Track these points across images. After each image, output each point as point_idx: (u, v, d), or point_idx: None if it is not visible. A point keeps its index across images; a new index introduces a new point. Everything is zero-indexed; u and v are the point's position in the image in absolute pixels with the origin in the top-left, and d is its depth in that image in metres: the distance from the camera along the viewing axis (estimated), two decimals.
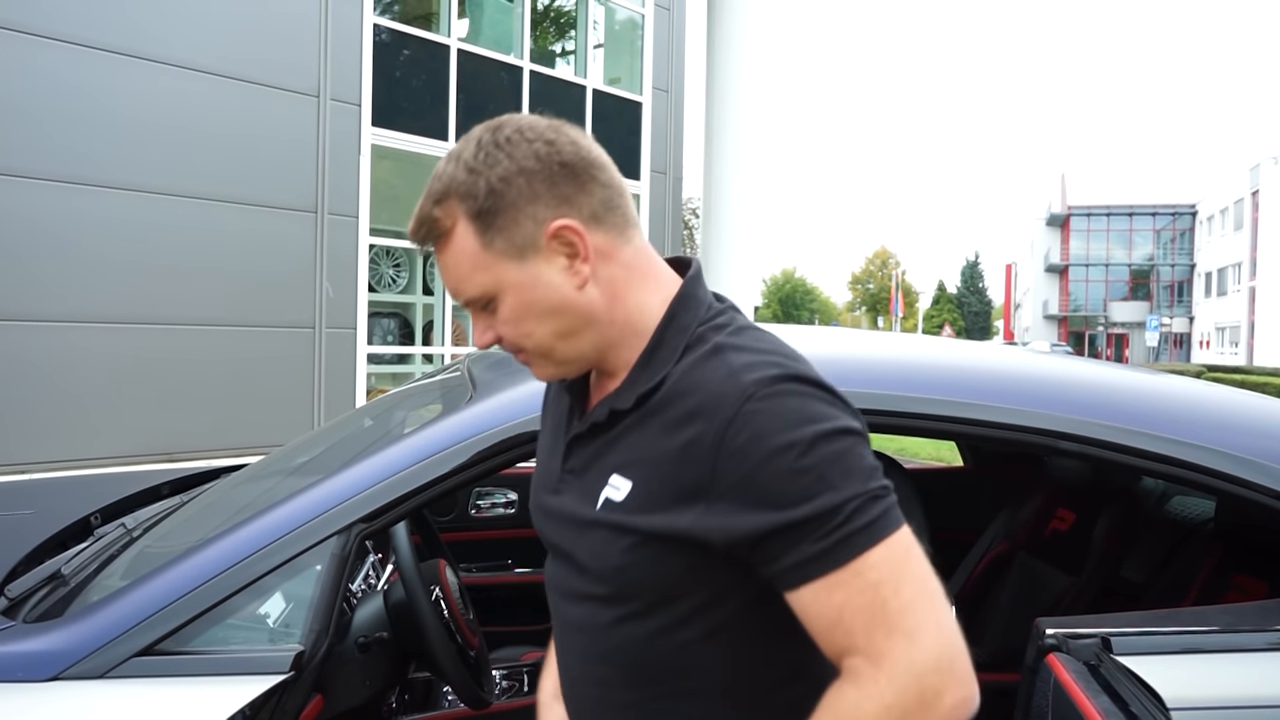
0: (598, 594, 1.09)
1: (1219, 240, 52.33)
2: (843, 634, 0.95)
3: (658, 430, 1.03)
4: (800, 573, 0.95)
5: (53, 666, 1.42)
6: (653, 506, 1.02)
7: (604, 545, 1.06)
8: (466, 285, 1.07)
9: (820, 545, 0.94)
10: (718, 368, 1.01)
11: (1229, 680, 1.48)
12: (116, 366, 8.42)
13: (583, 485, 1.10)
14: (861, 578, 0.94)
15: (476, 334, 1.10)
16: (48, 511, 2.44)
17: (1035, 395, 1.75)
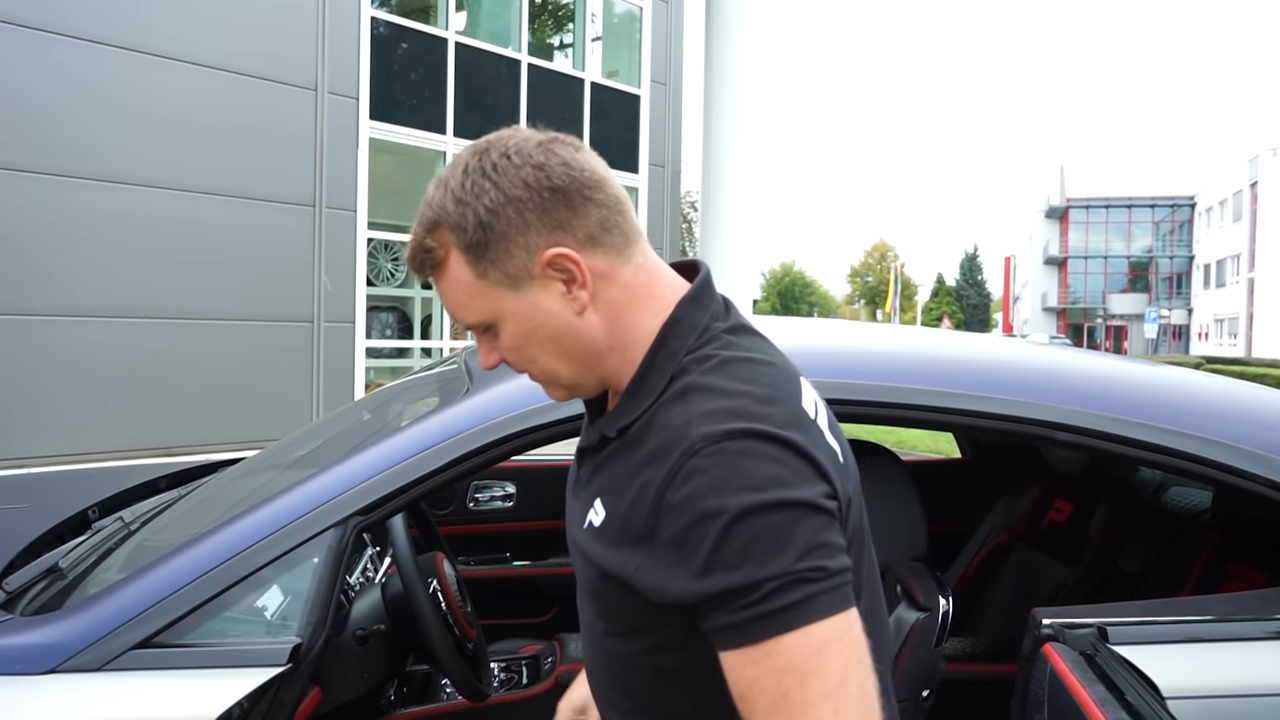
0: (592, 608, 1.11)
1: (1218, 232, 52.32)
2: (748, 708, 0.91)
3: (629, 466, 1.00)
4: (718, 638, 0.92)
5: (51, 659, 1.42)
6: (615, 542, 1.00)
7: (584, 566, 1.08)
8: (465, 312, 1.05)
9: (734, 618, 0.90)
10: (679, 413, 0.97)
11: (1225, 670, 1.49)
12: (115, 361, 8.42)
13: (581, 501, 1.11)
14: (771, 660, 0.89)
15: (482, 355, 1.08)
16: (45, 505, 2.44)
17: (1033, 386, 1.75)
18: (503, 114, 11.96)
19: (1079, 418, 1.68)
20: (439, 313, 11.82)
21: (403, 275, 12.71)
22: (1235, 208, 49.01)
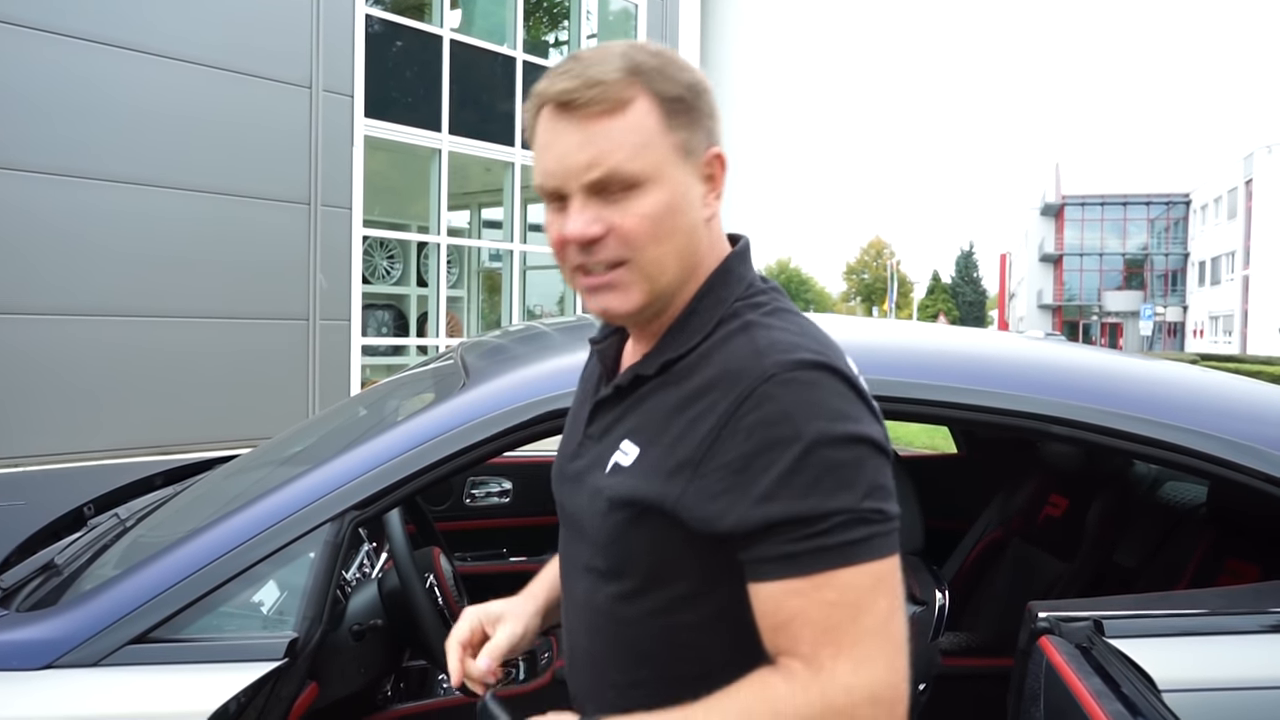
0: (598, 567, 1.08)
1: (1213, 229, 52.39)
2: (786, 639, 0.93)
3: (674, 399, 1.02)
4: (763, 569, 0.93)
5: (46, 655, 1.42)
6: (651, 475, 1.00)
7: (605, 513, 1.05)
8: (624, 157, 0.99)
9: (790, 548, 0.91)
10: (744, 344, 1.00)
11: (1220, 662, 1.49)
12: (110, 359, 8.40)
13: (598, 450, 1.10)
14: (821, 593, 0.91)
15: (583, 223, 1.00)
16: (40, 503, 2.43)
17: (1028, 380, 1.76)
18: (498, 111, 11.96)
19: (1075, 411, 1.69)
20: (434, 310, 11.81)
21: (398, 273, 12.70)
22: (1230, 205, 49.09)
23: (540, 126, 1.04)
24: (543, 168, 1.04)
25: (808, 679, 0.91)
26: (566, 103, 1.00)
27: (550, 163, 1.02)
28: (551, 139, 1.02)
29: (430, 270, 11.96)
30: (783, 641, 0.93)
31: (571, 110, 1.00)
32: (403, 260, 12.74)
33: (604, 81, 0.99)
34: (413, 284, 12.75)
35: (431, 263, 11.86)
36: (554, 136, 1.02)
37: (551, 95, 1.01)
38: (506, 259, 12.69)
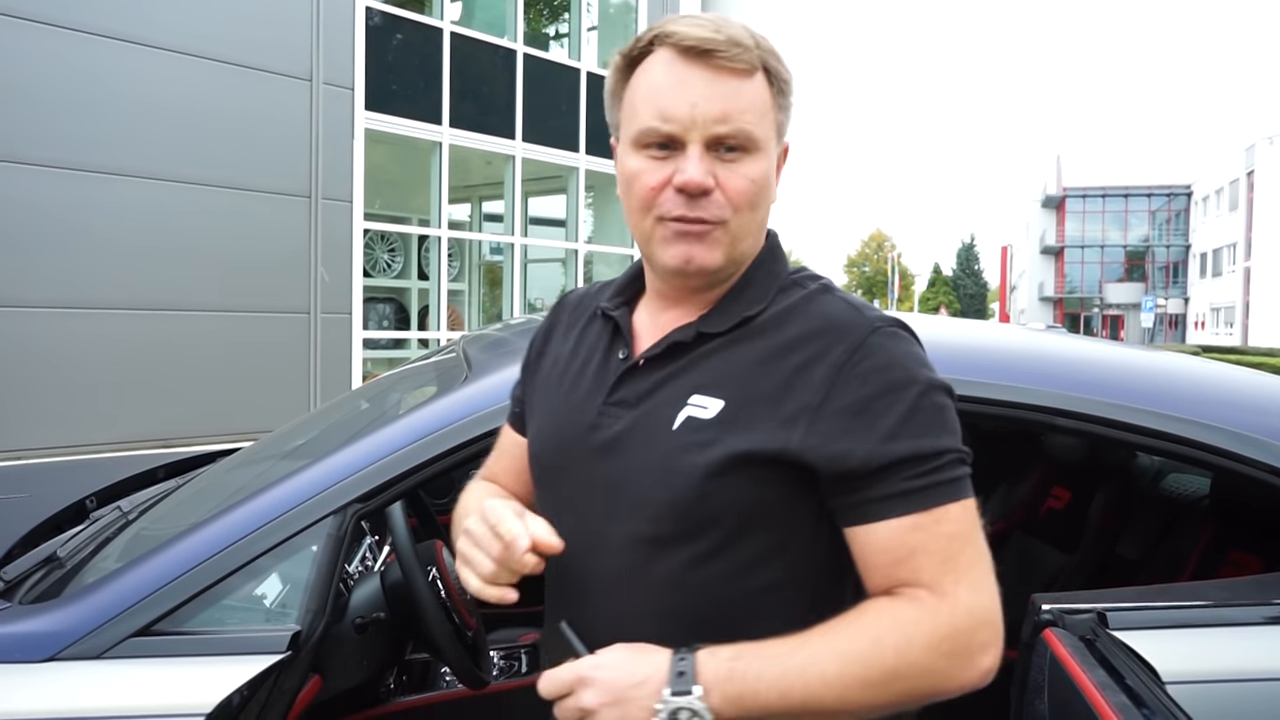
0: (662, 534, 1.04)
1: (1214, 221, 52.30)
2: (908, 571, 0.99)
3: (760, 352, 1.06)
4: (884, 507, 0.99)
5: (49, 647, 1.42)
6: (751, 423, 1.02)
7: (686, 466, 1.03)
8: (741, 118, 1.03)
9: (911, 484, 0.99)
10: (835, 302, 1.09)
11: (1223, 654, 1.49)
12: (112, 352, 8.40)
13: (645, 412, 1.08)
14: (940, 526, 0.99)
15: (700, 171, 1.02)
16: (43, 496, 2.43)
17: (1031, 372, 1.75)
18: (498, 104, 11.93)
19: (1078, 403, 1.68)
20: (436, 303, 11.81)
21: (399, 266, 12.69)
22: (1231, 197, 48.99)
23: (658, 67, 1.04)
24: (660, 109, 1.03)
25: (935, 604, 0.98)
26: (706, 51, 1.02)
27: (674, 106, 1.02)
28: (677, 82, 1.02)
29: (431, 263, 11.95)
30: (904, 574, 1.00)
31: (708, 60, 1.02)
32: (404, 253, 12.73)
33: (743, 44, 1.03)
34: (414, 277, 12.74)
35: (432, 256, 11.85)
36: (681, 80, 1.02)
37: (685, 39, 1.02)
38: (507, 252, 12.68)
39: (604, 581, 1.09)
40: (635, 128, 1.06)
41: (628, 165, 1.07)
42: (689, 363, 1.09)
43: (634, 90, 1.07)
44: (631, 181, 1.07)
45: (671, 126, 1.02)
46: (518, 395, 1.33)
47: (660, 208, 1.05)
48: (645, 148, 1.05)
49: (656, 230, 1.06)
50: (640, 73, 1.07)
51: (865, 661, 0.96)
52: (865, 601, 1.01)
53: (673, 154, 1.04)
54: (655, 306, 1.16)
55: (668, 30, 1.04)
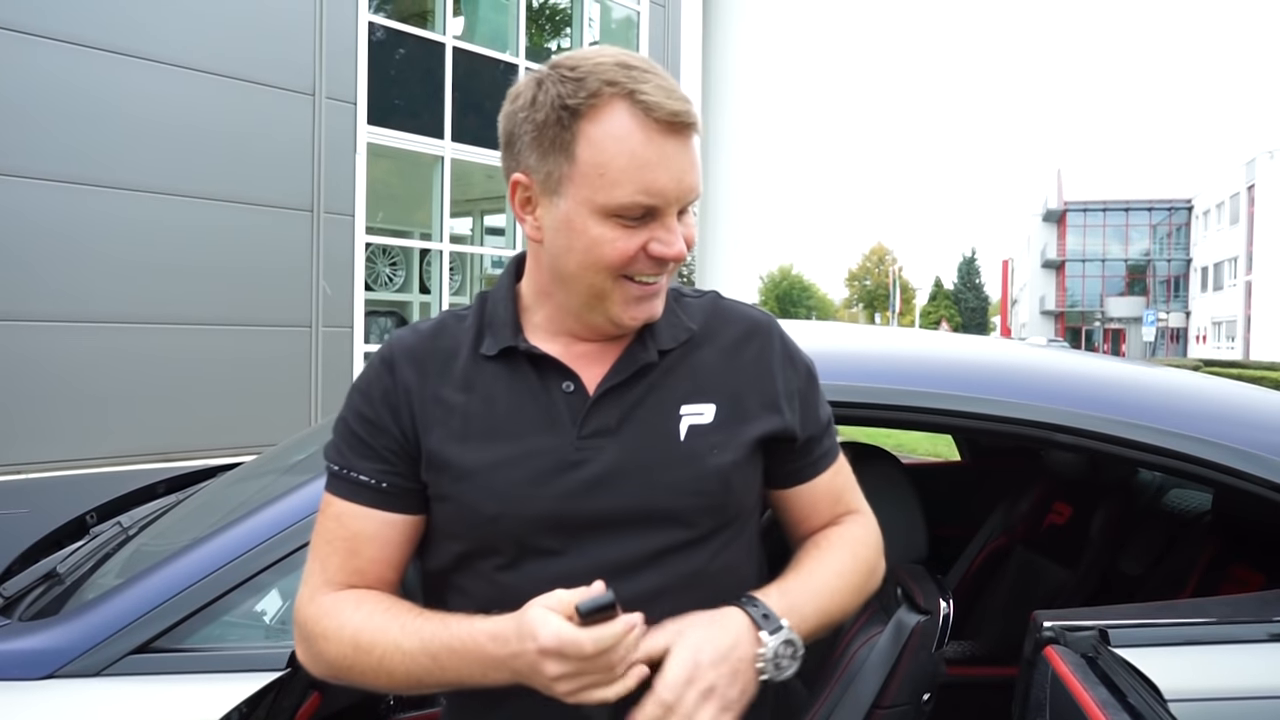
0: (691, 537, 1.11)
1: (1215, 235, 52.35)
2: (844, 504, 1.28)
3: (716, 356, 1.17)
4: (825, 461, 1.24)
5: (48, 664, 1.41)
6: (746, 416, 1.15)
7: (712, 468, 1.12)
8: (698, 183, 1.09)
9: (832, 440, 1.27)
10: (736, 305, 1.24)
11: (1226, 672, 1.48)
12: (112, 366, 8.40)
13: (633, 435, 1.11)
14: (844, 466, 1.28)
15: (678, 244, 1.08)
16: (43, 511, 2.43)
17: (1032, 388, 1.75)
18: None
19: (1079, 419, 1.68)
20: None
21: (401, 280, 12.71)
22: (1232, 210, 49.05)
23: (629, 132, 1.02)
24: (646, 185, 1.03)
25: (866, 520, 1.29)
26: (684, 124, 1.04)
27: (662, 182, 1.03)
28: (661, 158, 1.03)
29: (433, 277, 11.96)
30: (842, 507, 1.28)
31: (681, 132, 1.05)
32: (405, 267, 12.74)
33: (691, 103, 1.06)
34: (415, 291, 12.74)
35: (434, 270, 11.86)
36: (665, 155, 1.03)
37: (662, 111, 1.02)
38: None
39: (631, 603, 1.04)
40: (612, 200, 1.03)
41: (590, 231, 1.04)
42: (654, 380, 1.14)
43: (599, 153, 1.02)
44: (597, 246, 1.05)
45: (656, 201, 1.04)
46: (387, 470, 1.12)
47: (631, 269, 1.07)
48: (617, 217, 1.04)
49: (618, 289, 1.08)
50: (599, 131, 1.02)
51: (854, 570, 1.21)
52: (825, 531, 1.26)
53: (644, 222, 1.05)
54: (563, 338, 1.15)
55: (633, 91, 1.02)
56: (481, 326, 1.16)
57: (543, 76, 1.07)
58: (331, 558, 1.13)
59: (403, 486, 1.12)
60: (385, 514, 1.12)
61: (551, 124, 1.04)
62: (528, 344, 1.13)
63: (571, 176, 1.04)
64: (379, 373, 1.16)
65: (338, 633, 1.08)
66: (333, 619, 1.09)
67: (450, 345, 1.15)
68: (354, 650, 1.06)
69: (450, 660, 1.03)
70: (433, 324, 1.19)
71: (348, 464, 1.13)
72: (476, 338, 1.15)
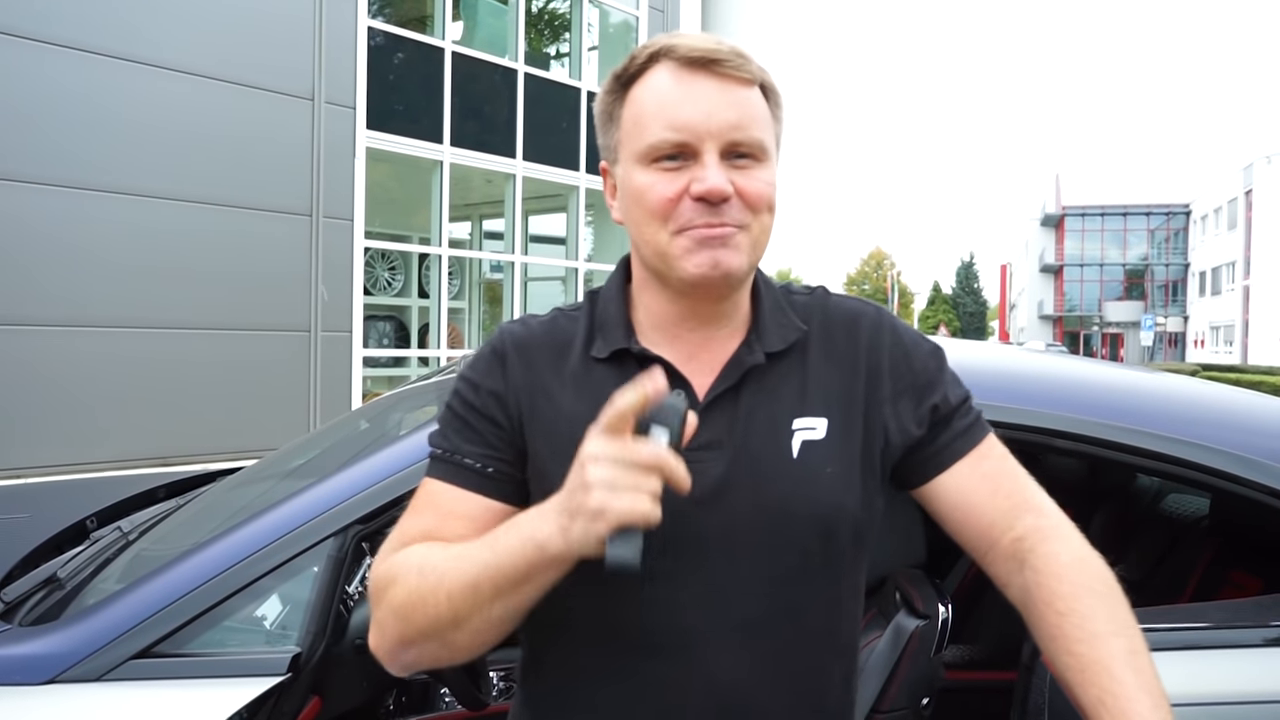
0: (786, 566, 1.04)
1: (1213, 239, 52.41)
2: (1010, 497, 1.08)
3: (828, 360, 1.10)
4: (957, 446, 1.10)
5: (49, 669, 1.42)
6: (857, 428, 1.08)
7: (818, 486, 1.05)
8: (754, 125, 1.02)
9: (967, 421, 1.12)
10: (845, 299, 1.17)
11: (1225, 677, 1.49)
12: (112, 370, 8.40)
13: (745, 448, 1.04)
14: (995, 450, 1.12)
15: (719, 178, 0.99)
16: (44, 516, 2.43)
17: (1031, 393, 1.76)
18: (499, 123, 11.98)
19: (1078, 425, 1.68)
20: (436, 322, 11.82)
21: (400, 284, 12.71)
22: (1230, 215, 49.11)
23: (662, 80, 1.02)
24: (671, 119, 1.00)
25: (1063, 528, 1.11)
26: (712, 61, 1.01)
27: (687, 114, 1.00)
28: (686, 92, 1.01)
29: (431, 281, 11.97)
30: (1006, 499, 1.11)
31: (714, 69, 1.01)
32: (404, 271, 12.76)
33: (744, 56, 1.03)
34: (414, 295, 12.76)
35: (433, 274, 11.87)
36: (689, 90, 1.01)
37: (690, 51, 1.01)
38: (508, 270, 12.71)
39: (726, 630, 1.03)
40: (643, 142, 1.02)
41: (635, 181, 1.03)
42: (766, 387, 1.07)
43: (636, 106, 1.04)
44: (642, 196, 1.02)
45: (685, 135, 1.00)
46: (493, 455, 1.08)
47: (679, 219, 1.01)
48: (655, 161, 1.02)
49: (675, 242, 1.02)
50: (639, 89, 1.04)
51: (1136, 632, 1.03)
52: (1066, 598, 1.01)
53: (686, 164, 1.01)
54: (668, 332, 1.10)
55: (667, 45, 1.03)
56: (593, 327, 1.12)
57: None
58: (415, 525, 1.07)
59: (507, 473, 1.08)
60: (485, 499, 1.07)
61: (607, 101, 1.08)
62: (640, 347, 1.08)
63: (620, 139, 1.06)
64: (489, 363, 1.11)
65: (404, 567, 1.00)
66: (400, 561, 1.01)
67: (562, 342, 1.11)
68: (418, 578, 0.97)
69: (505, 536, 0.94)
70: (544, 320, 1.15)
71: (453, 448, 1.08)
72: (588, 338, 1.11)
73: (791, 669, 1.06)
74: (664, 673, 1.03)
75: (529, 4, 12.94)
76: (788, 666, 1.06)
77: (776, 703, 1.05)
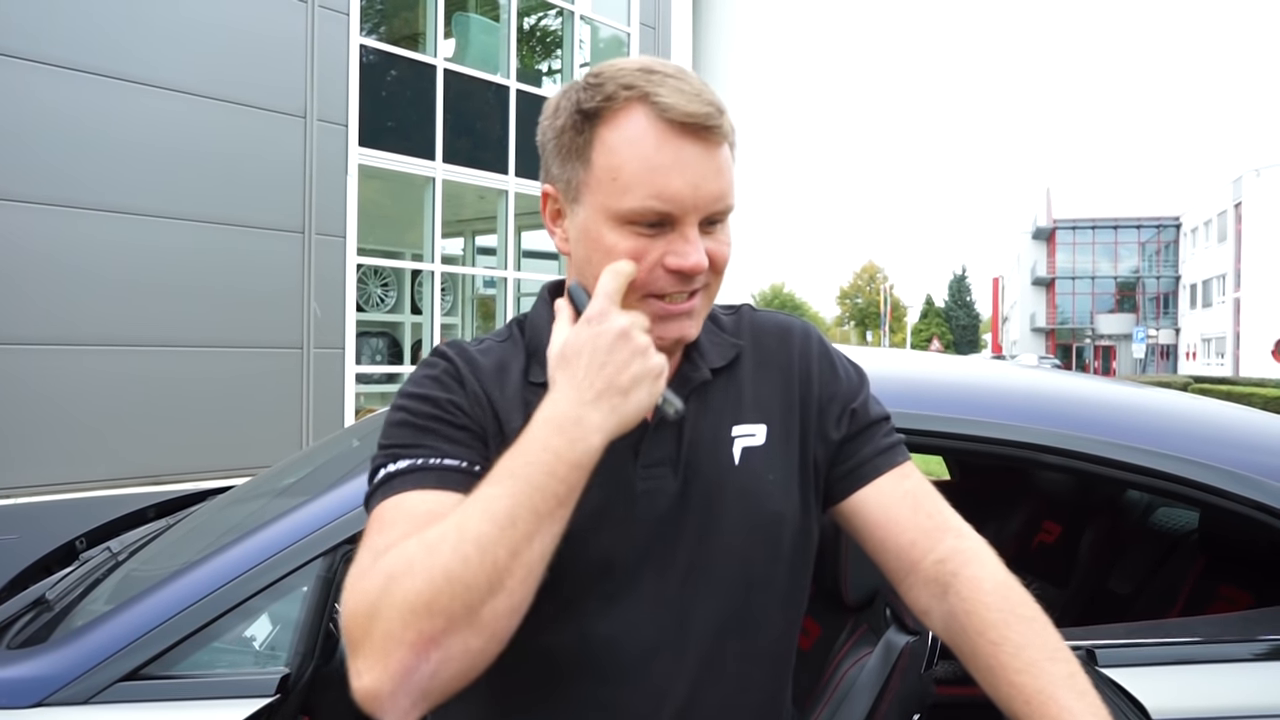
0: (735, 575, 1.05)
1: (1203, 252, 52.66)
2: (930, 517, 1.07)
3: (761, 371, 1.12)
4: (879, 461, 1.10)
5: (37, 693, 1.41)
6: (793, 433, 1.10)
7: (760, 491, 1.06)
8: (730, 192, 1.01)
9: (890, 440, 1.13)
10: (771, 315, 1.20)
11: (1213, 691, 1.49)
12: (103, 389, 8.38)
13: (691, 460, 1.05)
14: (915, 473, 1.12)
15: (700, 253, 0.99)
16: (32, 536, 2.42)
17: (1021, 410, 1.76)
18: (491, 139, 12.01)
19: (1067, 440, 1.69)
20: (429, 338, 11.81)
21: (393, 301, 12.71)
22: (1220, 228, 49.37)
23: (645, 137, 0.97)
24: (659, 190, 0.96)
25: (981, 550, 1.08)
26: (705, 127, 0.97)
27: (676, 187, 0.96)
28: (676, 161, 0.97)
29: (424, 298, 11.97)
30: (926, 519, 1.09)
31: (704, 136, 0.98)
32: (397, 288, 12.75)
33: (723, 110, 0.99)
34: (407, 312, 12.75)
35: (425, 290, 11.87)
36: (681, 159, 0.97)
37: (677, 112, 0.96)
38: (500, 286, 12.72)
39: (676, 646, 1.03)
40: (623, 205, 0.97)
41: (605, 239, 0.99)
42: (708, 401, 1.08)
43: (613, 157, 0.98)
44: (613, 257, 0.98)
45: (670, 207, 0.97)
46: (475, 457, 1.00)
47: (649, 286, 1.00)
48: (631, 224, 0.98)
49: (642, 307, 1.00)
50: (615, 135, 0.98)
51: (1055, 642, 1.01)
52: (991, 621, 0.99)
53: (661, 231, 0.99)
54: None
55: (647, 92, 0.97)
56: (528, 354, 1.09)
57: (569, 86, 1.04)
58: (386, 544, 0.88)
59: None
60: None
61: (569, 130, 1.01)
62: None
63: (588, 182, 1.00)
64: (448, 376, 1.05)
65: (400, 561, 0.84)
66: (390, 561, 0.85)
67: (501, 365, 1.08)
68: (428, 555, 0.83)
69: (523, 461, 0.87)
70: (477, 344, 1.12)
71: (429, 454, 0.98)
72: (526, 364, 1.08)
73: (741, 681, 1.06)
74: (613, 696, 1.01)
75: (520, 21, 12.98)
76: (737, 678, 1.06)
77: (725, 715, 1.06)
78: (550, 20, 14.05)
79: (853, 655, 1.76)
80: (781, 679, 1.12)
